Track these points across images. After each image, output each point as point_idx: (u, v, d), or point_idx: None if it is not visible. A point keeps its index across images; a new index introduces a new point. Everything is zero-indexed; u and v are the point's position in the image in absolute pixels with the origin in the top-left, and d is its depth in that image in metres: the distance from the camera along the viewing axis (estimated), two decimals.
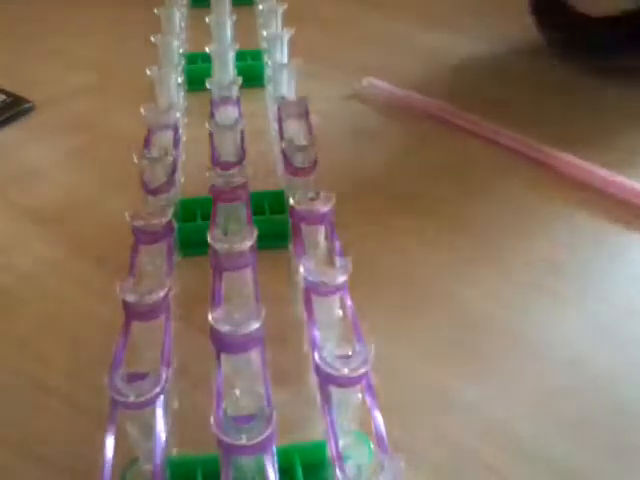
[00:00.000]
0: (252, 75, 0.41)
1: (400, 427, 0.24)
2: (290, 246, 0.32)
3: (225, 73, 0.37)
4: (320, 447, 0.23)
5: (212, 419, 0.20)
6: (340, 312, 0.26)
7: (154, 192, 0.29)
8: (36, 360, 0.28)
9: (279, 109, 0.33)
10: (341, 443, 0.22)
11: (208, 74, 0.37)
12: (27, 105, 0.42)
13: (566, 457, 0.24)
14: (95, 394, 0.25)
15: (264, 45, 0.41)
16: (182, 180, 0.34)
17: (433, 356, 0.28)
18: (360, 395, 0.23)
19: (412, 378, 0.27)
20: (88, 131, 0.41)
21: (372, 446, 0.23)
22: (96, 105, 0.43)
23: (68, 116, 0.42)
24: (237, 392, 0.23)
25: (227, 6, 0.41)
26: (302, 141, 0.31)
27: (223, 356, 0.23)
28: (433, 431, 0.25)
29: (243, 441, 0.19)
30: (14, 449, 0.25)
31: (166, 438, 0.21)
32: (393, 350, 0.27)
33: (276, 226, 0.31)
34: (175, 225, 0.28)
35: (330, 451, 0.20)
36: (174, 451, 0.24)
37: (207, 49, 0.37)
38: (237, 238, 0.25)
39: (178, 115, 0.35)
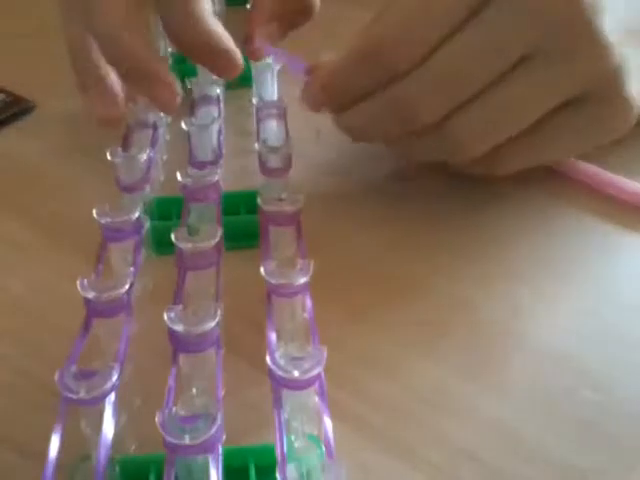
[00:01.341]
0: (241, 75, 0.41)
1: (400, 427, 0.25)
2: None
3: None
4: (273, 449, 0.23)
5: (157, 418, 0.20)
6: (305, 315, 0.25)
7: (128, 189, 0.29)
8: (37, 359, 0.28)
9: (257, 110, 0.33)
10: (296, 445, 0.22)
11: (194, 74, 0.37)
12: (27, 105, 0.42)
13: (566, 457, 0.24)
14: None
15: None
16: (162, 179, 0.34)
17: (433, 356, 0.28)
18: (316, 398, 0.22)
19: (412, 378, 0.27)
20: (88, 130, 0.41)
21: (323, 449, 0.23)
22: None
23: (68, 116, 0.42)
24: (194, 391, 0.23)
25: (217, 6, 0.41)
26: (277, 142, 0.31)
27: (180, 355, 0.23)
28: (433, 431, 0.25)
29: (186, 441, 0.19)
30: (15, 448, 0.25)
31: (118, 436, 0.21)
32: (393, 350, 0.27)
33: (248, 226, 0.31)
34: (144, 222, 0.28)
35: (276, 454, 0.20)
36: (131, 448, 0.24)
37: None
38: (201, 237, 0.25)
39: (161, 114, 0.35)
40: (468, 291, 0.30)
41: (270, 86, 0.36)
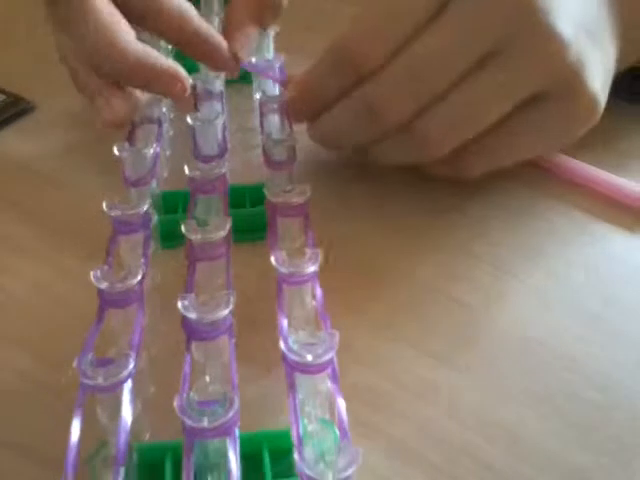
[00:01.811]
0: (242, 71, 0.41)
1: (400, 427, 0.25)
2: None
3: None
4: (287, 434, 0.23)
5: (175, 402, 0.20)
6: (313, 302, 0.26)
7: (134, 184, 0.30)
8: (37, 360, 0.28)
9: (260, 104, 0.33)
10: (309, 429, 0.22)
11: (196, 70, 0.37)
12: (27, 105, 0.42)
13: (566, 457, 0.24)
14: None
15: None
16: (165, 174, 0.35)
17: (433, 356, 0.28)
18: (328, 383, 0.23)
19: (412, 377, 0.27)
20: (87, 130, 0.41)
21: (337, 432, 0.24)
22: None
23: (68, 115, 0.42)
24: (207, 378, 0.24)
25: (215, 4, 0.42)
26: (282, 135, 0.31)
27: (193, 343, 0.23)
28: (433, 431, 0.25)
29: (204, 424, 0.20)
30: (15, 449, 0.25)
31: (133, 424, 0.22)
32: (392, 349, 0.28)
33: (254, 219, 0.31)
34: (153, 216, 0.28)
35: (292, 437, 0.21)
36: (145, 437, 0.25)
37: None
38: (211, 229, 0.26)
39: (164, 110, 0.35)
40: (467, 292, 0.30)
41: (271, 81, 0.36)
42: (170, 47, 0.40)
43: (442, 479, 0.24)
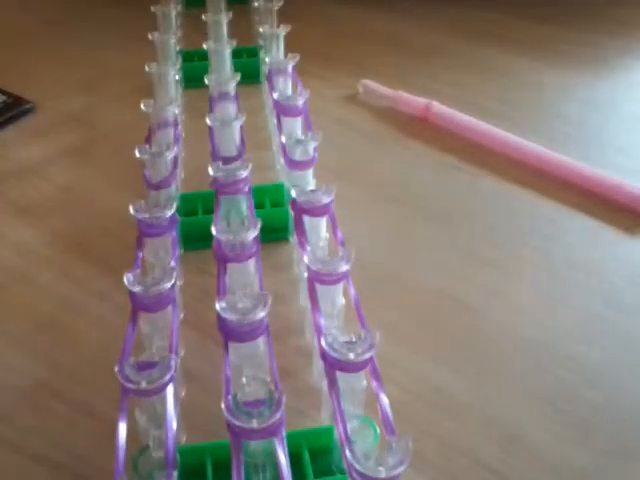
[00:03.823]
0: (248, 72, 0.41)
1: (400, 427, 0.25)
2: (291, 238, 0.32)
3: (222, 70, 0.38)
4: (326, 432, 0.23)
5: (222, 404, 0.20)
6: (343, 301, 0.26)
7: (156, 187, 0.30)
8: (36, 360, 0.28)
9: (278, 104, 0.33)
10: (348, 427, 0.23)
11: (205, 71, 0.37)
12: (27, 105, 0.42)
13: (566, 457, 0.25)
14: (95, 394, 0.26)
15: (260, 42, 0.42)
16: (182, 176, 0.35)
17: (433, 356, 0.28)
18: (365, 381, 0.23)
19: (411, 378, 0.27)
20: (87, 130, 0.41)
21: (378, 429, 0.24)
22: (95, 104, 0.43)
23: (67, 116, 0.42)
24: (244, 380, 0.24)
25: (222, 3, 0.42)
26: (300, 135, 0.31)
27: (230, 344, 0.23)
28: (433, 431, 0.25)
29: (254, 425, 0.20)
30: (14, 448, 0.25)
31: (177, 425, 0.22)
32: (393, 349, 0.28)
33: (276, 219, 0.31)
34: (178, 219, 0.28)
35: (338, 434, 0.21)
36: (183, 439, 0.25)
37: (204, 46, 0.38)
38: (241, 229, 0.26)
39: (177, 111, 0.35)
40: (467, 293, 0.31)
41: (283, 81, 0.36)
42: (178, 48, 0.40)
43: (442, 479, 0.24)
